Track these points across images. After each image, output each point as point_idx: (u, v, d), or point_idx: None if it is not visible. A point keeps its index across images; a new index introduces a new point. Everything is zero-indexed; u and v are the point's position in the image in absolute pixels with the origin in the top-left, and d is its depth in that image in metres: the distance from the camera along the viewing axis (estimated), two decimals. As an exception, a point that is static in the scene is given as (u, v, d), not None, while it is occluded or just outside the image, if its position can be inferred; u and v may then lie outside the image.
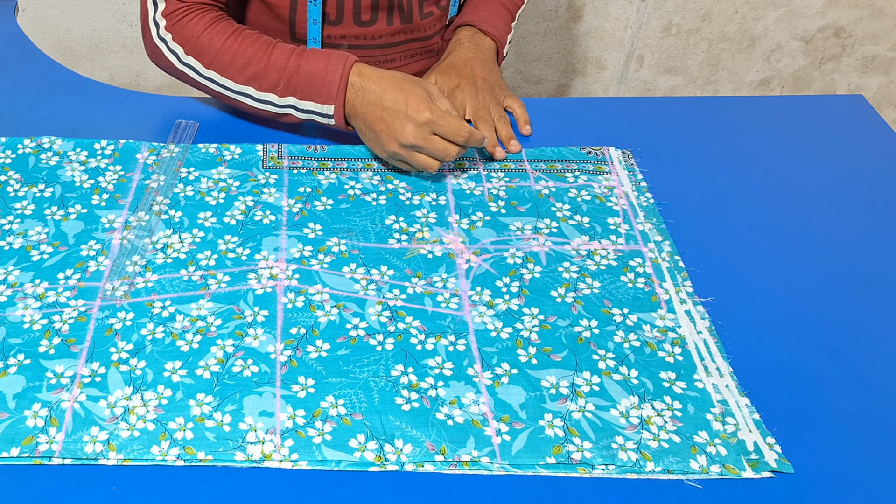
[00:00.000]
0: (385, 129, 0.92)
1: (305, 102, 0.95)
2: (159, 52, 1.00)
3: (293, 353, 0.76)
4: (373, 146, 0.95)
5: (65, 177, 0.94)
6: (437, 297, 0.82)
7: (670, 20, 1.99)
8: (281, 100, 0.96)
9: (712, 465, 0.68)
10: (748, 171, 1.01)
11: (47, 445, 0.67)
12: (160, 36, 0.99)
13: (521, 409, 0.72)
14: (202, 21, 0.97)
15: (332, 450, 0.68)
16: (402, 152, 0.92)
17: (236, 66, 0.95)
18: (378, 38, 1.11)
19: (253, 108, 0.98)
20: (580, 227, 0.91)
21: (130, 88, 1.51)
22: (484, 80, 1.07)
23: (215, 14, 0.98)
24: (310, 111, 0.96)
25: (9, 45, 1.18)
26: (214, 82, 0.97)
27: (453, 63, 1.09)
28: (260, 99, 0.96)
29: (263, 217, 0.90)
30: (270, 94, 0.95)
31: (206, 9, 0.98)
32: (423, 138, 0.90)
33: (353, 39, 1.10)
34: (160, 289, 0.81)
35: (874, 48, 2.10)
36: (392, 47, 1.13)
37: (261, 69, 0.95)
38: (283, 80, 0.94)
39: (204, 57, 0.97)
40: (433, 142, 0.91)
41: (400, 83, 0.92)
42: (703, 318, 0.81)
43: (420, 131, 0.90)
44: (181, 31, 0.97)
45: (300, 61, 0.94)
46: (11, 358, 0.74)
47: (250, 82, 0.95)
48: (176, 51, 0.98)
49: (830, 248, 0.91)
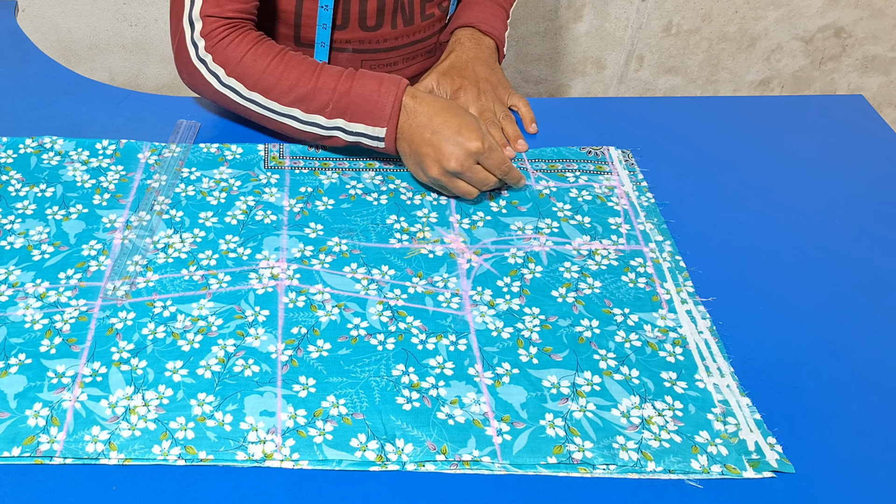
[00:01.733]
0: (431, 153, 0.89)
1: (355, 125, 0.92)
2: (197, 74, 0.96)
3: (294, 353, 0.76)
4: (415, 171, 0.93)
5: (66, 176, 0.94)
6: (438, 297, 0.82)
7: (670, 20, 1.99)
8: (328, 122, 0.93)
9: (713, 465, 0.68)
10: (748, 171, 1.01)
11: (48, 445, 0.67)
12: (199, 57, 0.95)
13: (522, 409, 0.72)
14: (244, 42, 0.94)
15: (333, 449, 0.68)
16: (443, 179, 0.90)
17: (282, 87, 0.93)
18: (382, 42, 1.11)
19: (296, 131, 0.95)
20: (581, 226, 0.91)
21: (130, 88, 1.51)
22: (486, 80, 1.07)
23: (255, 34, 0.95)
24: (359, 133, 0.93)
25: (9, 45, 1.17)
26: (258, 104, 0.95)
27: (454, 64, 1.08)
28: (306, 121, 0.94)
29: (264, 217, 0.90)
30: (317, 116, 0.93)
31: (245, 28, 0.96)
32: (467, 166, 0.89)
33: (358, 44, 1.10)
34: (161, 288, 0.81)
35: (874, 48, 2.11)
36: (395, 50, 1.13)
37: (308, 91, 0.92)
38: (333, 101, 0.92)
39: (247, 79, 0.94)
40: (475, 171, 0.89)
41: (452, 108, 0.91)
42: (704, 318, 0.81)
43: (467, 159, 0.88)
44: (222, 53, 0.94)
45: (351, 83, 0.92)
46: (13, 357, 0.74)
47: (296, 104, 0.93)
48: (217, 72, 0.95)
49: (831, 248, 0.91)
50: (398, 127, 0.92)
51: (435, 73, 1.08)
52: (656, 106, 1.14)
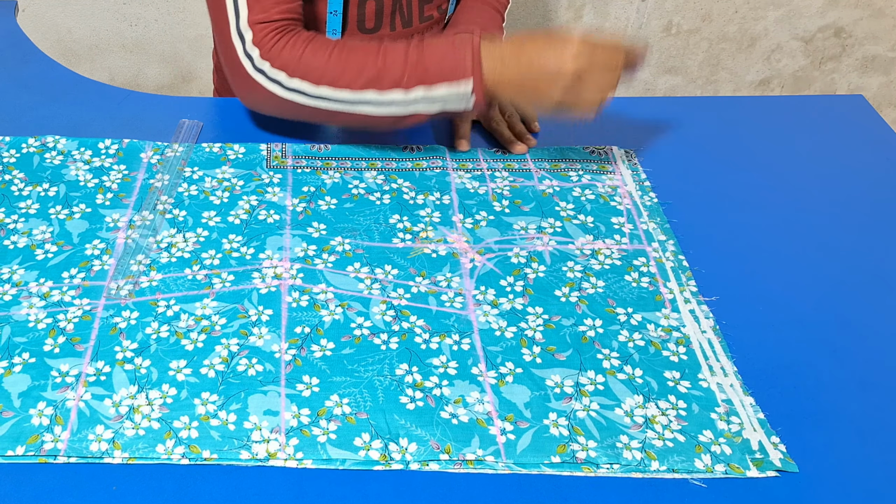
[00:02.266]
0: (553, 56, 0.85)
1: (437, 88, 0.89)
2: (258, 86, 0.93)
3: (298, 353, 0.76)
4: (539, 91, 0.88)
5: (69, 176, 0.94)
6: (441, 297, 0.82)
7: (670, 20, 1.99)
8: (408, 94, 0.89)
9: (717, 465, 0.69)
10: (749, 172, 1.01)
11: (52, 444, 0.67)
12: (257, 68, 0.92)
13: (526, 409, 0.72)
14: (298, 41, 0.92)
15: (336, 449, 0.68)
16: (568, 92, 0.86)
17: (350, 74, 0.90)
18: None
19: (373, 118, 0.92)
20: (584, 226, 0.91)
21: (130, 88, 1.51)
22: None
23: (307, 33, 0.93)
24: (443, 98, 0.89)
25: (9, 45, 1.17)
26: (327, 99, 0.91)
27: None
28: (383, 101, 0.90)
29: (268, 216, 0.90)
30: (394, 92, 0.89)
31: (295, 28, 0.93)
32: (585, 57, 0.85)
33: None
34: (165, 288, 0.81)
35: (874, 48, 2.11)
36: None
37: (378, 69, 0.89)
38: (408, 71, 0.89)
39: (311, 75, 0.91)
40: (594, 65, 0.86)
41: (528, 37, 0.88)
42: (708, 318, 0.81)
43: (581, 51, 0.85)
44: (280, 57, 0.91)
45: (422, 49, 0.89)
46: (17, 357, 0.74)
47: (369, 86, 0.90)
48: (278, 78, 0.92)
49: (832, 248, 0.91)
50: (490, 73, 0.88)
51: None
52: (657, 106, 1.14)
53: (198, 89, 2.02)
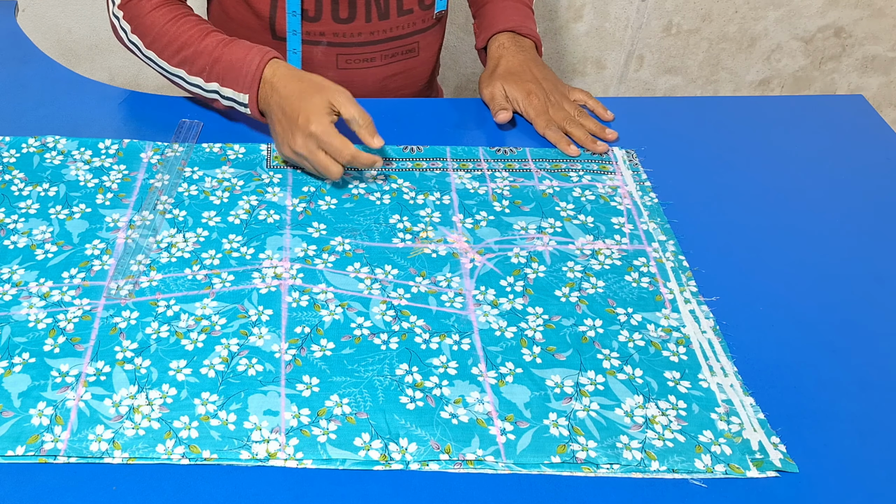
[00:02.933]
0: (281, 133, 0.93)
1: (226, 90, 0.98)
2: (115, 28, 1.05)
3: (298, 353, 0.76)
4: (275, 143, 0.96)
5: (69, 176, 0.94)
6: (441, 297, 0.82)
7: (670, 20, 1.99)
8: (207, 85, 0.99)
9: (717, 465, 0.69)
10: (749, 172, 1.01)
11: (52, 444, 0.67)
12: (114, 13, 1.04)
13: (526, 409, 0.72)
14: (150, 2, 1.01)
15: (336, 449, 0.68)
16: (294, 158, 0.93)
17: (172, 48, 0.99)
18: (357, 36, 1.11)
19: (187, 90, 1.02)
20: (584, 226, 0.91)
21: (130, 88, 1.51)
22: (546, 79, 1.08)
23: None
24: (230, 98, 0.98)
25: (9, 45, 1.17)
26: (153, 62, 1.02)
27: (511, 70, 1.08)
28: (190, 82, 1.00)
29: (267, 216, 0.90)
30: (198, 79, 0.99)
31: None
32: (308, 150, 0.90)
33: (333, 37, 1.11)
34: (165, 288, 0.81)
35: (874, 48, 2.11)
36: (371, 45, 1.13)
37: (191, 53, 0.98)
38: (209, 65, 0.98)
39: (146, 37, 1.01)
40: (317, 155, 0.90)
41: (303, 93, 0.92)
42: (708, 318, 0.81)
43: (307, 143, 0.90)
44: (130, 11, 1.02)
45: (224, 49, 0.97)
46: (17, 357, 0.74)
47: (182, 65, 0.99)
48: (125, 28, 1.03)
49: (832, 248, 0.91)
50: (262, 99, 0.96)
51: (496, 80, 1.08)
52: (657, 106, 1.14)
53: (198, 89, 2.02)
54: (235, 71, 0.96)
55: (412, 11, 1.13)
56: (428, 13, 1.15)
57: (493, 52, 1.12)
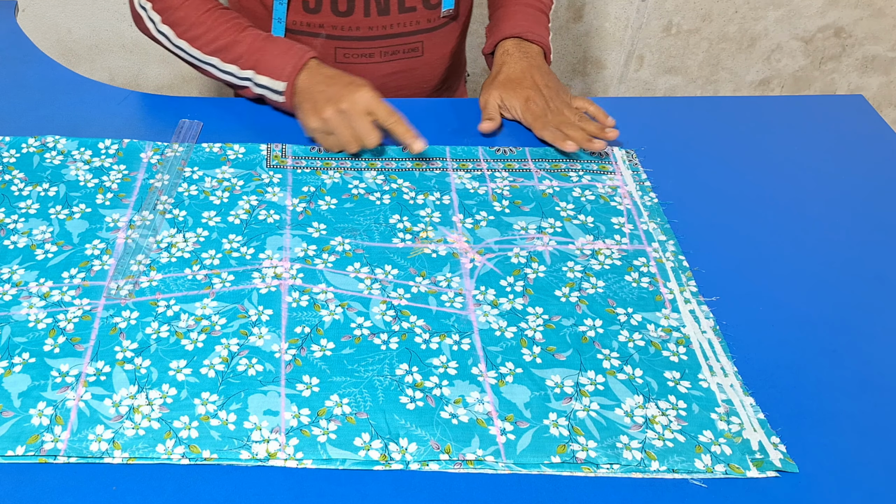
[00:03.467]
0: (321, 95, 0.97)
1: (262, 78, 1.02)
2: (140, 18, 1.08)
3: (298, 353, 0.76)
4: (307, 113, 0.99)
5: (69, 176, 0.94)
6: (441, 297, 0.82)
7: (670, 20, 1.99)
8: (241, 72, 1.03)
9: (717, 465, 0.69)
10: (749, 172, 1.01)
11: (52, 444, 0.67)
12: (140, 5, 1.07)
13: (526, 409, 0.72)
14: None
15: (336, 448, 0.68)
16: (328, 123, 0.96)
17: (206, 38, 1.04)
18: (356, 30, 1.11)
19: (216, 77, 1.06)
20: (584, 226, 0.91)
21: (130, 88, 1.51)
22: (547, 86, 1.06)
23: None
24: (264, 86, 1.02)
25: (9, 45, 1.17)
26: (183, 51, 1.06)
27: (511, 77, 1.07)
28: (222, 69, 1.04)
29: (268, 216, 0.90)
30: (233, 67, 1.03)
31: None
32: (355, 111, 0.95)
33: (332, 29, 1.11)
34: (165, 288, 0.81)
35: (874, 48, 2.11)
36: (370, 41, 1.13)
37: (227, 43, 1.03)
38: (246, 54, 1.02)
39: (178, 27, 1.05)
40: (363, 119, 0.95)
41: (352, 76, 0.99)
42: (708, 318, 0.81)
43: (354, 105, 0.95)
44: (160, 3, 1.05)
45: (264, 42, 1.02)
46: (17, 357, 0.74)
47: (216, 53, 1.04)
48: (153, 18, 1.06)
49: (832, 248, 0.91)
50: (296, 83, 1.00)
51: (494, 89, 1.07)
52: (657, 106, 1.14)
53: (198, 89, 2.02)
54: (277, 61, 1.01)
55: (415, 9, 1.13)
56: (434, 13, 1.14)
57: (497, 58, 1.11)
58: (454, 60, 1.25)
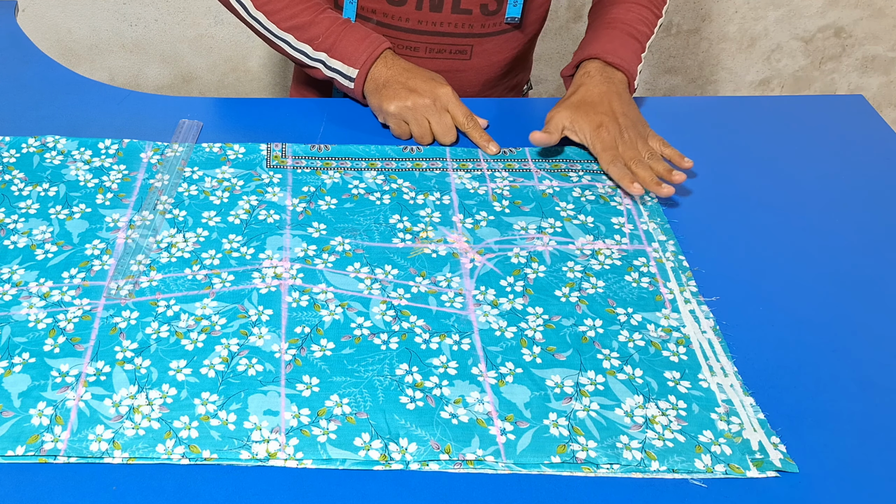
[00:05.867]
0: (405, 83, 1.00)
1: (335, 62, 1.04)
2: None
3: (298, 353, 0.76)
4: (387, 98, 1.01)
5: (69, 176, 0.94)
6: (441, 297, 0.82)
7: (670, 20, 1.99)
8: (314, 53, 1.05)
9: (717, 465, 0.69)
10: (749, 172, 1.01)
11: (52, 444, 0.67)
12: None
13: (526, 409, 0.72)
14: None
15: (336, 449, 0.68)
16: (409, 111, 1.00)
17: (284, 14, 1.04)
18: (405, 21, 1.11)
19: (288, 54, 1.07)
20: (584, 226, 0.91)
21: (130, 88, 1.51)
22: (624, 115, 0.99)
23: None
24: (336, 70, 1.04)
25: (9, 45, 1.17)
26: (259, 22, 1.06)
27: (587, 99, 1.00)
28: (295, 47, 1.06)
29: (268, 216, 0.90)
30: (307, 46, 1.05)
31: None
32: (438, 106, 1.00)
33: (382, 16, 1.12)
34: (165, 288, 0.81)
35: (874, 48, 2.11)
36: (417, 34, 1.12)
37: (304, 22, 1.04)
38: (321, 36, 1.03)
39: None
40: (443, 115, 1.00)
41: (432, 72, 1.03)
42: (708, 318, 0.81)
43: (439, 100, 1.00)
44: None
45: (344, 27, 1.04)
46: (17, 357, 0.74)
47: (291, 31, 1.05)
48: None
49: (832, 248, 0.91)
50: (373, 75, 1.02)
51: (566, 109, 0.99)
52: (657, 106, 1.14)
53: (198, 89, 2.02)
54: (352, 48, 1.03)
55: (470, 12, 1.10)
56: (491, 19, 1.12)
57: (577, 79, 1.04)
58: (508, 70, 1.21)
